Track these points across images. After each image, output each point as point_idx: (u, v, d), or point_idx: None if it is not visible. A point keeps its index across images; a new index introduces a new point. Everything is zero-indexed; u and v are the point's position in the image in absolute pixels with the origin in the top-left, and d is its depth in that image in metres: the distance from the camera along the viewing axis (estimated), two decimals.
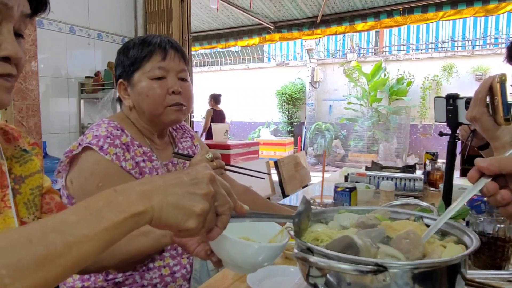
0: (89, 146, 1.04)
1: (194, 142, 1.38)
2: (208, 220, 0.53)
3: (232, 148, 4.21)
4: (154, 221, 0.49)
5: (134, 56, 1.13)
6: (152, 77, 1.12)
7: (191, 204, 0.50)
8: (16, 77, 0.60)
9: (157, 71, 1.12)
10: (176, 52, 1.16)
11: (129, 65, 1.14)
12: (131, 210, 0.47)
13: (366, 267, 0.52)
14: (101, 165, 1.04)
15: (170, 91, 1.13)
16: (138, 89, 1.13)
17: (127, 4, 3.41)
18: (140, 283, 1.08)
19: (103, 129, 1.09)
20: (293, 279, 0.89)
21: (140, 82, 1.13)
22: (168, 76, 1.13)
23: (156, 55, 1.13)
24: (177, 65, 1.15)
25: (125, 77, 1.16)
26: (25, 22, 0.60)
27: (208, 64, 12.40)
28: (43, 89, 2.72)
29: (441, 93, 9.13)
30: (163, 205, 0.49)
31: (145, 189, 0.49)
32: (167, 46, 1.14)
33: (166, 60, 1.13)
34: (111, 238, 0.46)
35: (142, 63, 1.12)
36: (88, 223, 0.44)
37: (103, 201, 0.47)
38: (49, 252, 0.41)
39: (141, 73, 1.13)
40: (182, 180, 0.52)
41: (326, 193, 1.47)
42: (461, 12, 4.47)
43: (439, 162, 2.12)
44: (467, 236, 0.63)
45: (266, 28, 5.75)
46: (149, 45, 1.13)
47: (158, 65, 1.12)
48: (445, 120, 1.32)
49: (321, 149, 10.09)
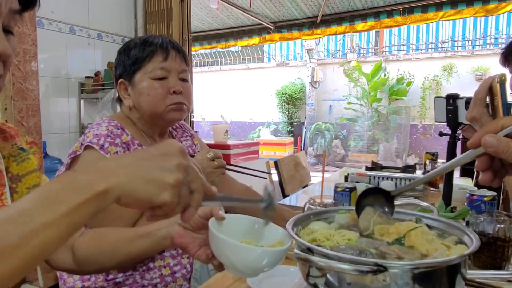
0: (90, 145, 1.04)
1: (194, 141, 1.39)
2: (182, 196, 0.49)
3: (232, 148, 4.21)
4: (123, 199, 0.45)
5: (136, 56, 1.13)
6: (153, 77, 1.12)
7: (163, 175, 0.46)
8: (3, 75, 0.58)
9: (159, 71, 1.12)
10: (177, 53, 1.16)
11: (130, 64, 1.14)
12: (93, 190, 0.42)
13: (366, 267, 0.52)
14: None
15: (171, 91, 1.13)
16: (139, 89, 1.13)
17: (127, 4, 3.41)
18: (140, 283, 1.08)
19: (103, 128, 1.09)
20: (293, 279, 0.89)
21: (142, 82, 1.13)
22: (169, 76, 1.14)
23: (158, 55, 1.13)
24: (178, 65, 1.16)
25: (126, 77, 1.16)
26: (14, 18, 0.58)
27: (208, 64, 12.41)
28: (43, 89, 2.72)
29: (441, 93, 9.14)
30: (131, 180, 0.45)
31: (109, 165, 0.46)
32: (168, 46, 1.14)
33: (167, 60, 1.13)
34: (73, 222, 0.42)
35: (144, 63, 1.13)
36: (45, 209, 0.40)
37: (61, 183, 0.43)
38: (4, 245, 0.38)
39: (142, 73, 1.13)
40: (152, 154, 0.49)
41: (326, 193, 1.47)
42: (461, 12, 4.47)
43: (439, 162, 2.12)
44: (467, 236, 0.63)
45: (266, 28, 5.76)
46: (151, 45, 1.13)
47: (159, 65, 1.12)
48: (445, 120, 1.33)
49: (321, 149, 10.09)
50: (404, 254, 0.58)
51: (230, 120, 11.75)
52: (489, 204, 1.24)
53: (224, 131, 4.32)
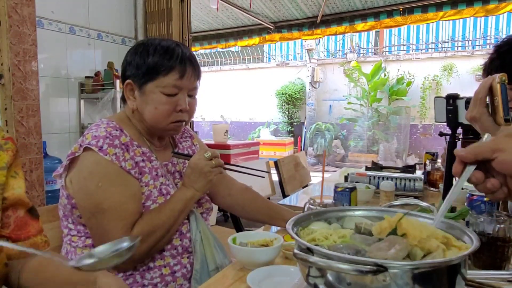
0: (88, 147, 1.04)
1: (193, 142, 1.39)
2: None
3: (232, 148, 4.21)
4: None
5: (152, 65, 1.10)
6: (165, 93, 1.10)
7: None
8: None
9: (172, 89, 1.11)
10: (193, 71, 1.14)
11: (145, 72, 1.11)
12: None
13: (366, 267, 0.52)
14: (100, 165, 1.04)
15: (177, 109, 1.12)
16: (147, 99, 1.12)
17: (127, 4, 3.41)
18: (140, 282, 1.08)
19: (102, 129, 1.09)
20: (293, 279, 0.89)
21: (152, 93, 1.11)
22: (180, 93, 1.12)
23: (175, 72, 1.10)
24: (191, 83, 1.14)
25: (136, 81, 1.13)
26: None
27: (208, 64, 12.41)
28: (43, 89, 2.72)
29: (441, 93, 9.14)
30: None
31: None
32: (187, 63, 1.12)
33: (183, 79, 1.11)
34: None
35: (159, 76, 1.10)
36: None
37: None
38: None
39: (155, 85, 1.10)
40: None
41: (326, 193, 1.47)
42: (461, 12, 4.47)
43: (439, 162, 2.12)
44: (467, 236, 0.63)
45: (266, 28, 5.76)
46: (170, 58, 1.10)
47: (174, 83, 1.10)
48: (445, 120, 1.33)
49: (321, 149, 10.09)
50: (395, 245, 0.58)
51: (230, 120, 11.75)
52: (489, 204, 1.24)
53: (224, 131, 4.32)
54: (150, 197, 1.11)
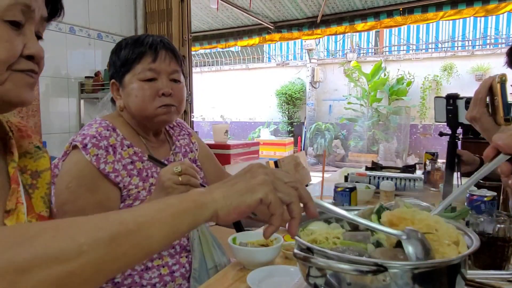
0: (76, 145, 1.05)
1: (192, 140, 1.37)
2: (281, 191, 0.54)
3: (232, 148, 4.21)
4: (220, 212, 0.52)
5: (125, 58, 1.13)
6: (142, 79, 1.11)
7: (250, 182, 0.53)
8: (38, 74, 0.64)
9: (148, 73, 1.11)
10: (167, 53, 1.14)
11: (120, 66, 1.14)
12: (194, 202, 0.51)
13: (366, 267, 0.52)
14: (77, 165, 1.04)
15: (160, 93, 1.11)
16: (128, 91, 1.13)
17: (127, 4, 3.41)
18: (139, 282, 1.08)
19: (93, 129, 1.09)
20: (293, 279, 0.89)
21: (131, 83, 1.12)
22: (159, 78, 1.12)
23: (147, 57, 1.11)
24: (168, 66, 1.13)
25: (117, 78, 1.16)
26: (43, 25, 0.65)
27: (208, 64, 12.40)
28: (43, 89, 2.72)
29: (441, 93, 9.13)
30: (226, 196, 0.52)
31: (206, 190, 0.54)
32: (158, 47, 1.12)
33: (156, 61, 1.12)
34: (175, 225, 0.48)
35: (133, 64, 1.12)
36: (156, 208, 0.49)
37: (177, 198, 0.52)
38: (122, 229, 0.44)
39: (131, 75, 1.12)
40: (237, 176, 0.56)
41: (326, 193, 1.47)
42: (461, 12, 4.47)
43: (439, 162, 2.11)
44: (467, 236, 0.63)
45: (266, 28, 5.75)
46: (141, 45, 1.12)
47: (148, 66, 1.11)
48: (445, 120, 1.33)
49: (321, 149, 10.09)
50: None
51: (230, 120, 11.75)
52: (489, 204, 1.24)
53: (224, 131, 4.32)
54: (138, 197, 1.10)
